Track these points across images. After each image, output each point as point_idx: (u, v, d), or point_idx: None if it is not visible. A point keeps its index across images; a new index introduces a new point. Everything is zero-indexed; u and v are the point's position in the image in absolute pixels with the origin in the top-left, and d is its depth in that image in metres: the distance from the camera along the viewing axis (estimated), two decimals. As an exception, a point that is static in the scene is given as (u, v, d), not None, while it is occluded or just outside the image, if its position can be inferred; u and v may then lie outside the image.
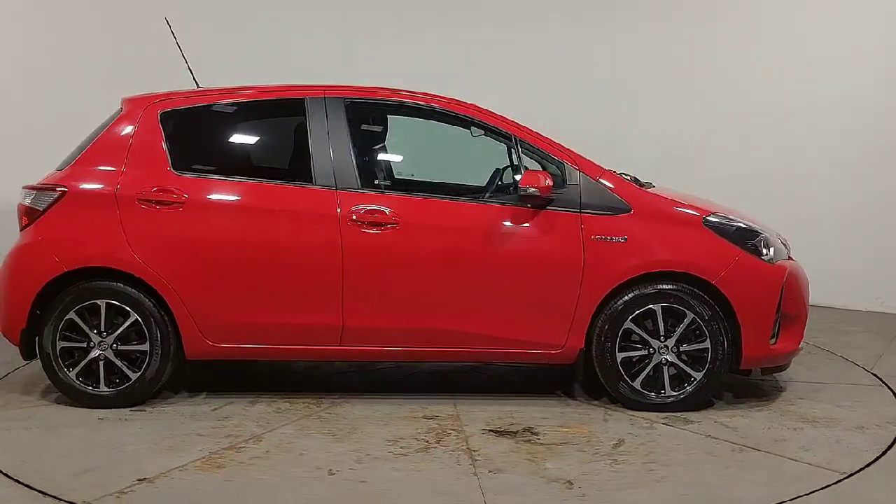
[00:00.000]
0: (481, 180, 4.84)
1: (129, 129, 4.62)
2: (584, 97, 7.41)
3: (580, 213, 4.43)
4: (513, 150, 4.62)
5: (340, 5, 7.63)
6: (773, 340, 4.46)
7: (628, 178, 5.01)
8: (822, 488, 3.50)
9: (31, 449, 3.96)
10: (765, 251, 4.50)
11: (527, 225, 4.43)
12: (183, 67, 5.00)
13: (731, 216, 4.59)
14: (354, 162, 4.52)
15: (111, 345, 4.49)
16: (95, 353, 4.49)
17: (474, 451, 3.91)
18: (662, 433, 4.15)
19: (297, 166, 4.58)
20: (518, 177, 4.46)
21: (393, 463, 3.76)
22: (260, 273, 4.46)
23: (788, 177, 7.18)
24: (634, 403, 4.47)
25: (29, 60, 6.02)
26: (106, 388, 4.51)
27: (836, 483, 3.55)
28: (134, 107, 4.68)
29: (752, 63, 7.26)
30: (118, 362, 4.49)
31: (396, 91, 4.71)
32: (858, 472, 3.67)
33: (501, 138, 4.64)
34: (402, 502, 3.38)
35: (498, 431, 4.16)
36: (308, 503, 3.37)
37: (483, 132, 4.64)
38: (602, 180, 4.49)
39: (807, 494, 3.44)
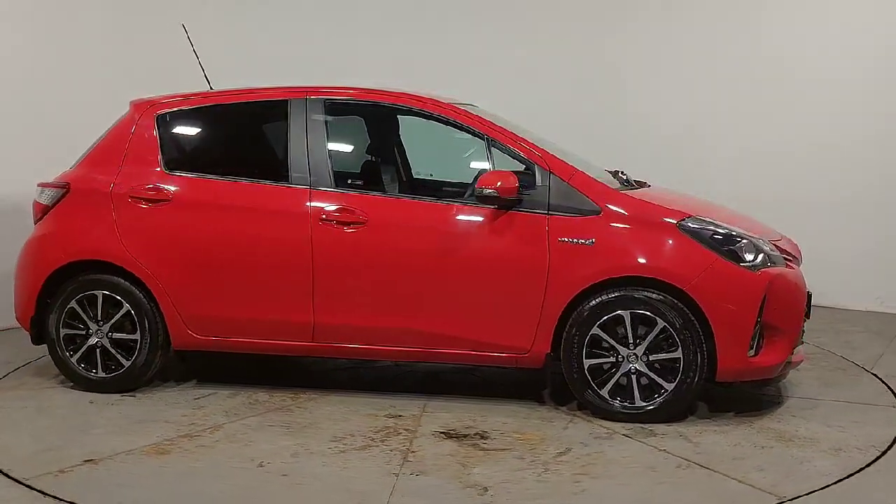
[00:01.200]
0: (467, 180, 4.81)
1: (129, 131, 4.89)
2: (585, 96, 7.50)
3: (548, 214, 4.33)
4: (486, 150, 4.56)
5: (352, 4, 7.84)
6: (751, 352, 4.21)
7: (624, 177, 4.87)
8: (822, 488, 3.46)
9: (13, 426, 4.28)
10: (747, 257, 4.24)
11: (493, 226, 4.37)
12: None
13: (714, 220, 4.35)
14: (329, 161, 4.60)
15: (107, 333, 4.76)
16: (93, 340, 4.78)
17: (413, 451, 3.91)
18: (616, 444, 4.01)
19: (276, 166, 4.70)
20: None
21: (325, 459, 3.82)
22: (238, 269, 4.62)
23: (789, 176, 7.14)
24: (602, 412, 4.33)
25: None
26: (103, 374, 4.80)
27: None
28: (135, 109, 4.95)
29: (752, 63, 7.22)
30: (112, 350, 4.76)
31: (373, 91, 4.76)
32: (800, 497, 3.43)
33: (477, 138, 4.59)
34: (306, 497, 3.43)
35: (449, 434, 4.14)
36: (220, 491, 3.48)
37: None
38: (572, 181, 4.37)
39: (806, 494, 3.40)
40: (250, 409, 4.52)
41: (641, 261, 4.25)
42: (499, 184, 4.23)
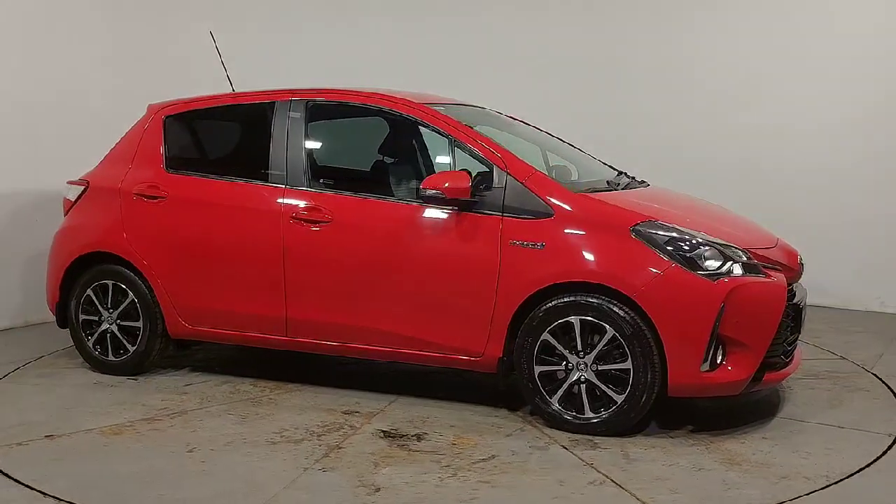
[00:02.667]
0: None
1: (141, 132, 5.24)
2: (586, 96, 7.56)
3: (502, 216, 4.25)
4: (449, 150, 4.54)
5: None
6: (705, 366, 3.94)
7: (628, 178, 4.74)
8: (823, 488, 3.44)
9: (13, 401, 4.70)
10: (707, 264, 3.98)
11: (449, 227, 4.35)
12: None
13: (677, 225, 4.11)
14: (305, 161, 4.74)
15: (115, 320, 5.14)
16: (104, 326, 5.17)
17: (339, 448, 3.97)
18: (544, 455, 3.89)
19: (259, 166, 4.88)
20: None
21: (253, 449, 3.95)
22: (221, 263, 4.85)
23: (789, 176, 7.08)
24: (552, 421, 4.21)
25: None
26: (113, 357, 5.18)
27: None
28: (149, 111, 5.30)
29: (753, 62, 7.17)
30: (119, 336, 5.13)
31: (348, 91, 4.85)
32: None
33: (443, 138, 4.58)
34: (201, 483, 3.57)
35: (388, 433, 4.16)
36: (130, 473, 3.68)
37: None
38: (527, 182, 4.26)
39: (806, 495, 3.38)
40: (226, 397, 4.74)
41: (589, 265, 4.09)
42: (446, 185, 4.20)
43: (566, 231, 4.15)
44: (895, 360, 5.43)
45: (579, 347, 4.10)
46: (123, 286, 5.09)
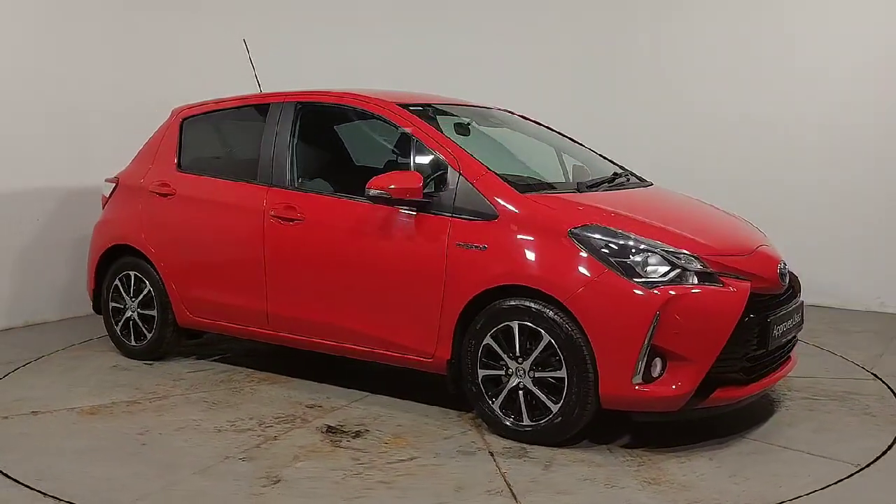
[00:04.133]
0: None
1: (163, 133, 5.60)
2: (588, 96, 7.65)
3: (451, 217, 4.22)
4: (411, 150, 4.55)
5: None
6: (637, 379, 3.74)
7: (623, 177, 4.82)
8: (822, 488, 3.45)
9: (30, 378, 5.14)
10: (647, 271, 3.78)
11: (402, 227, 4.36)
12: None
13: (620, 229, 3.92)
14: (289, 161, 4.89)
15: (136, 308, 5.53)
16: (128, 313, 5.58)
17: (274, 439, 4.09)
18: (466, 461, 3.83)
19: (251, 165, 5.08)
20: None
21: (196, 436, 4.14)
22: (216, 258, 5.11)
23: (789, 176, 7.06)
24: (494, 426, 4.14)
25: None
26: (134, 343, 5.57)
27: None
28: (171, 114, 5.65)
29: (753, 62, 7.15)
30: (139, 323, 5.52)
31: (324, 93, 4.97)
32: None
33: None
34: (124, 464, 3.78)
35: (332, 429, 4.24)
36: (74, 449, 3.94)
37: None
38: (477, 183, 4.21)
39: (806, 495, 3.38)
40: (212, 386, 4.98)
41: (525, 269, 3.99)
42: (391, 186, 4.22)
43: (508, 233, 4.06)
44: (895, 360, 5.39)
45: (518, 353, 4.00)
46: (142, 277, 5.46)
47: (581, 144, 5.42)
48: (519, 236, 4.03)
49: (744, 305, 3.85)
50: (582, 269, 3.84)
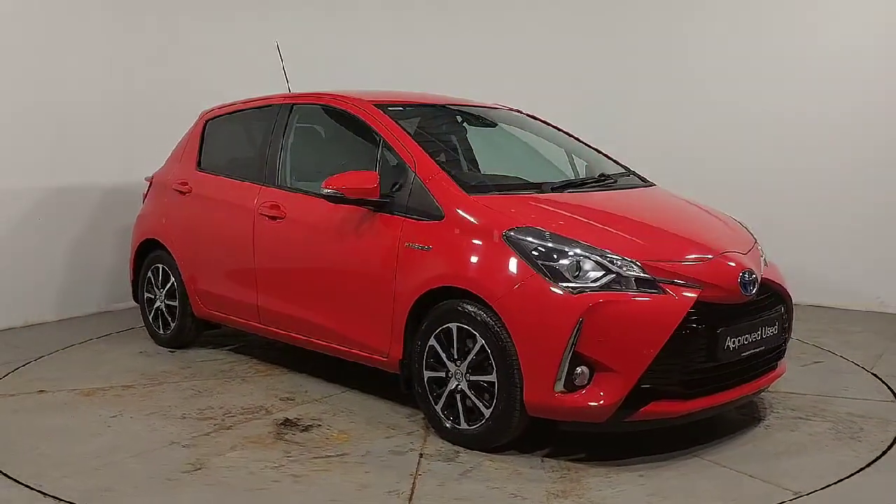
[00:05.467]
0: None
1: (189, 134, 5.92)
2: (589, 95, 7.66)
3: (404, 217, 4.23)
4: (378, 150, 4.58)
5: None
6: (559, 387, 3.62)
7: (634, 176, 4.83)
8: (822, 488, 3.45)
9: (58, 361, 5.56)
10: (579, 275, 3.64)
11: (361, 226, 4.40)
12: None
13: (551, 231, 3.80)
14: (277, 161, 5.05)
15: (163, 299, 5.88)
16: (157, 304, 5.94)
17: (228, 429, 4.23)
18: (391, 460, 3.83)
19: (252, 165, 5.27)
20: None
21: (158, 421, 4.34)
22: (218, 253, 5.35)
23: (789, 176, 7.06)
24: (437, 428, 4.11)
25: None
26: (163, 332, 5.93)
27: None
28: (199, 116, 5.96)
29: (755, 62, 7.16)
30: (166, 313, 5.86)
31: (310, 95, 5.09)
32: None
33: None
34: (83, 443, 4.03)
35: (288, 421, 4.34)
36: (46, 427, 4.25)
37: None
38: (429, 184, 4.19)
39: (807, 495, 3.38)
40: (210, 374, 5.20)
41: (461, 271, 3.94)
42: (344, 185, 4.27)
43: (451, 234, 4.02)
44: (895, 360, 5.37)
45: (456, 356, 3.96)
46: (168, 269, 5.79)
47: (586, 144, 5.27)
48: (459, 238, 3.98)
49: (683, 315, 3.63)
50: (511, 272, 3.75)
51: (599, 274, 3.66)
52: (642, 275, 3.68)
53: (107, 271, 7.03)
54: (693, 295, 3.69)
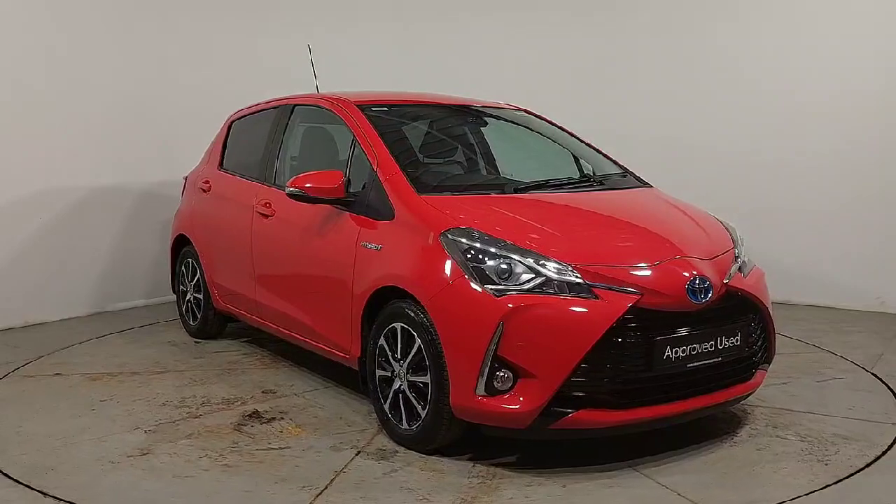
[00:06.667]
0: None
1: (217, 135, 6.19)
2: (590, 95, 7.64)
3: (364, 216, 4.27)
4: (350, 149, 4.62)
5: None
6: (480, 390, 3.55)
7: (631, 177, 4.78)
8: (822, 488, 3.46)
9: (95, 346, 5.91)
10: (506, 277, 3.57)
11: (328, 225, 4.47)
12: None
13: (487, 232, 3.72)
14: (274, 160, 5.21)
15: (192, 292, 6.17)
16: (188, 297, 6.24)
17: (195, 418, 4.40)
18: (326, 457, 3.86)
19: (257, 164, 5.45)
20: None
21: (139, 407, 4.55)
22: (226, 249, 5.56)
23: (789, 176, 7.05)
24: (385, 426, 4.13)
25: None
26: (192, 323, 6.22)
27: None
28: (227, 118, 6.21)
29: (755, 62, 7.15)
30: (193, 305, 6.16)
31: (306, 96, 5.19)
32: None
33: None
34: (63, 423, 4.29)
35: (255, 413, 4.45)
36: (38, 407, 4.55)
37: None
38: (385, 183, 4.21)
39: (806, 495, 3.39)
40: (216, 365, 5.39)
41: (400, 271, 3.93)
42: (307, 185, 4.34)
43: (398, 235, 4.03)
44: (895, 360, 5.37)
45: (399, 356, 3.96)
46: (195, 264, 6.07)
47: (588, 145, 5.14)
48: (403, 238, 3.98)
49: (611, 322, 3.47)
50: (442, 273, 3.71)
51: (529, 277, 3.56)
52: (575, 279, 3.55)
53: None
54: (627, 301, 3.53)
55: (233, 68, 7.57)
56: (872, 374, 5.05)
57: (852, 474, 3.56)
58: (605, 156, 5.05)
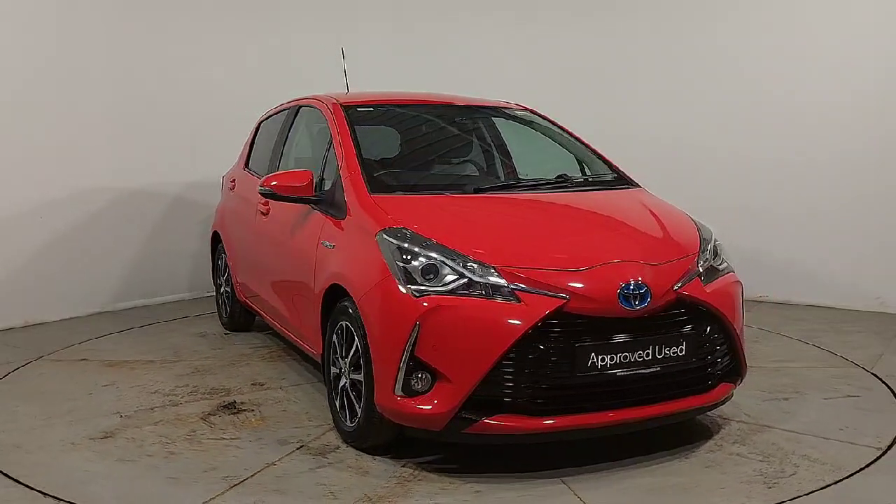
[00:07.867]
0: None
1: (248, 136, 6.42)
2: (590, 95, 7.61)
3: (327, 215, 4.33)
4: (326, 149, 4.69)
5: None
6: (398, 390, 3.53)
7: (619, 176, 4.69)
8: (822, 488, 3.45)
9: (135, 335, 6.27)
10: (429, 278, 3.54)
11: (298, 223, 4.57)
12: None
13: (419, 232, 3.70)
14: (282, 160, 5.36)
15: (224, 286, 6.44)
16: (222, 290, 6.51)
17: (175, 406, 4.59)
18: (270, 450, 3.93)
19: (267, 164, 5.62)
20: None
21: (128, 394, 4.77)
22: (240, 246, 5.77)
23: (789, 176, 7.01)
24: (335, 423, 4.17)
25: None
26: (224, 315, 6.49)
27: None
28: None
29: (755, 62, 7.12)
30: (225, 298, 6.42)
31: (304, 98, 5.29)
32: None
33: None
34: (54, 405, 4.56)
35: (232, 405, 4.58)
36: (42, 389, 4.87)
37: None
38: (344, 182, 4.25)
39: (806, 495, 3.39)
40: (226, 357, 5.57)
41: (341, 269, 3.97)
42: (273, 183, 4.44)
43: (348, 233, 4.06)
44: (895, 360, 5.36)
45: (343, 353, 3.99)
46: (226, 259, 6.33)
47: (586, 145, 5.01)
48: (349, 237, 4.01)
49: (529, 326, 3.37)
50: (374, 273, 3.71)
51: (453, 277, 3.51)
52: (497, 281, 3.47)
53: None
54: (551, 306, 3.41)
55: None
56: (872, 373, 5.02)
57: (793, 499, 3.28)
58: (598, 155, 4.89)
